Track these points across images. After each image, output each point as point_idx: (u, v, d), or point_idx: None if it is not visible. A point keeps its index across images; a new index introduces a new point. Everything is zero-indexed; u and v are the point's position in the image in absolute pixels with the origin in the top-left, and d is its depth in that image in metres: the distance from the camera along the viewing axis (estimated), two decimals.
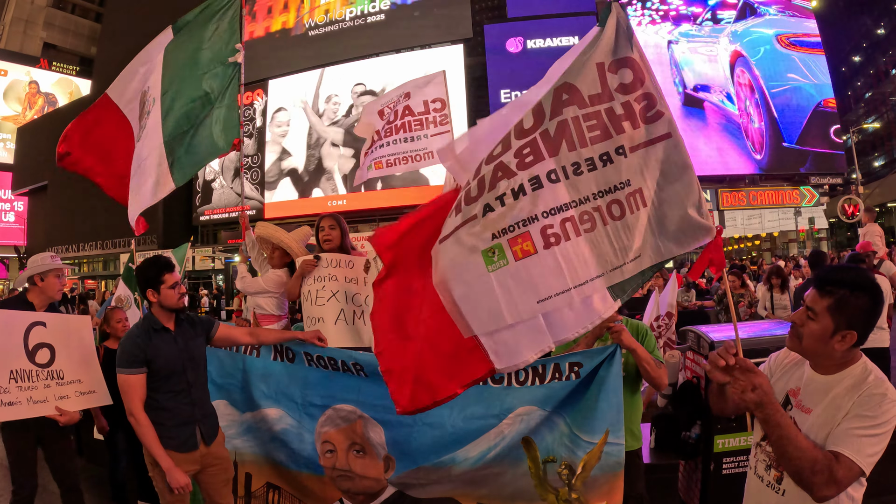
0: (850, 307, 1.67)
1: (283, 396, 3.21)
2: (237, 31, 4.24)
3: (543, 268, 2.07)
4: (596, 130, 2.16)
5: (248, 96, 26.37)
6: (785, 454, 1.59)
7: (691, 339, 3.87)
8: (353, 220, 24.43)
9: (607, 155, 2.14)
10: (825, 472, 1.55)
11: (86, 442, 5.64)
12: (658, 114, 2.19)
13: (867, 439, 1.57)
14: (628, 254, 2.09)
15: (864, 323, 1.68)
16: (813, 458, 1.57)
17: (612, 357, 2.77)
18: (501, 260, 2.09)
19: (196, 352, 3.00)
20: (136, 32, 32.52)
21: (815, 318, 1.72)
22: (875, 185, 28.35)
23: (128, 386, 2.80)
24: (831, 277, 1.72)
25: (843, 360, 1.73)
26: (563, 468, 2.81)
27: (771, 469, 1.84)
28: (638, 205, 2.12)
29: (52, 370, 3.33)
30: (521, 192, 2.12)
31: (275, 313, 4.11)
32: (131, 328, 3.03)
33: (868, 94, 33.53)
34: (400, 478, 3.01)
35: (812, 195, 23.29)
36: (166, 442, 2.82)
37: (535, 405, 2.87)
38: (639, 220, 2.11)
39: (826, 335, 1.69)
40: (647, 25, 24.01)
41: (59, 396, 3.32)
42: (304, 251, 4.00)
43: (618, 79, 2.21)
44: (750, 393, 1.62)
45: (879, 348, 5.26)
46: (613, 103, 2.18)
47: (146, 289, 2.92)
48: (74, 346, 3.50)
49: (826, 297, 1.70)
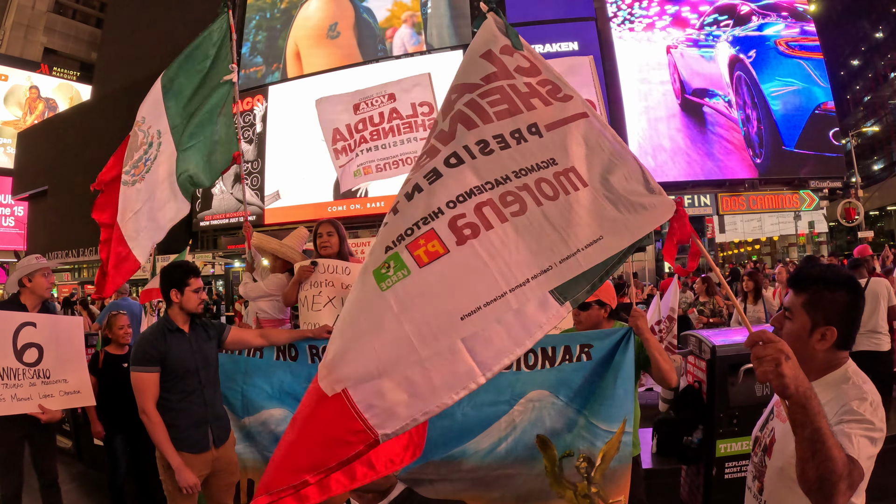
0: (825, 301, 1.58)
1: (287, 396, 3.20)
2: (230, 52, 4.39)
3: (463, 269, 1.54)
4: (502, 104, 1.83)
5: (247, 102, 26.39)
6: (817, 455, 1.31)
7: (692, 343, 3.87)
8: (354, 226, 24.48)
9: (519, 132, 1.80)
10: (848, 477, 1.35)
11: (85, 447, 5.63)
12: (567, 97, 1.92)
13: (865, 440, 1.45)
14: (579, 239, 1.65)
15: (843, 319, 1.58)
16: (844, 460, 1.34)
17: (626, 341, 2.71)
18: (400, 271, 1.54)
19: (209, 354, 3.07)
20: (136, 38, 32.79)
21: (791, 317, 1.63)
22: (874, 188, 28.38)
23: (141, 383, 2.84)
24: (804, 274, 1.65)
25: (826, 363, 1.61)
26: (581, 461, 2.73)
27: (756, 479, 1.77)
28: (576, 184, 1.74)
29: (38, 369, 3.46)
30: (417, 190, 1.69)
31: (276, 317, 4.12)
32: (147, 329, 3.11)
33: (867, 98, 33.59)
34: (410, 474, 2.94)
35: (812, 199, 23.29)
36: (178, 443, 2.86)
37: (547, 390, 2.80)
38: (580, 200, 1.71)
39: (804, 334, 1.59)
40: (643, 31, 24.08)
41: (44, 395, 3.45)
42: (301, 255, 4.02)
43: (514, 61, 1.96)
44: (784, 363, 1.30)
45: (881, 352, 5.24)
46: (515, 81, 1.90)
47: (170, 289, 3.01)
48: (63, 347, 3.63)
49: (801, 294, 1.62)
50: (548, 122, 1.83)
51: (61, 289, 30.63)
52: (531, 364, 2.84)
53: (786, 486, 1.59)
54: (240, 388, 3.28)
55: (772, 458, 1.67)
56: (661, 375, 2.72)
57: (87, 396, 3.70)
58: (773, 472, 1.66)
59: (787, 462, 1.56)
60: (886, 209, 31.53)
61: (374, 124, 4.95)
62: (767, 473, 1.69)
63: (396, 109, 4.89)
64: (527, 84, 1.89)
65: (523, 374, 2.84)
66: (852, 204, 21.95)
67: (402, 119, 4.85)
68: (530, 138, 1.80)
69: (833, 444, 1.33)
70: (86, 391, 3.69)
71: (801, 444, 1.34)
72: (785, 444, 1.60)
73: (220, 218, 27.76)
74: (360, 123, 5.00)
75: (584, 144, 1.83)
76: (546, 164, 1.75)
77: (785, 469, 1.59)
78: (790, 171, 23.23)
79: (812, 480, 1.33)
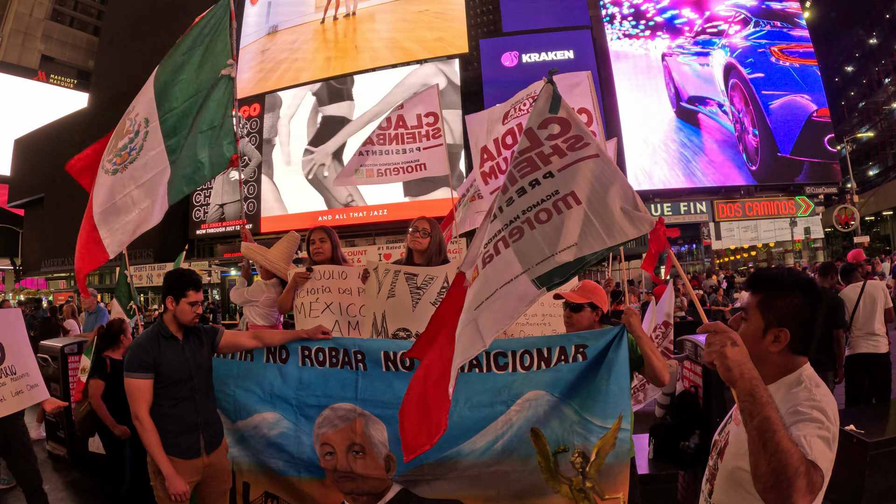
0: (778, 303, 1.57)
1: (279, 399, 3.18)
2: (228, 46, 4.26)
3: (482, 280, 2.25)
4: (526, 168, 2.38)
5: (244, 111, 26.44)
6: (768, 445, 1.28)
7: (688, 348, 3.87)
8: (350, 235, 24.51)
9: (536, 181, 2.34)
10: (806, 475, 1.27)
11: (79, 454, 5.59)
12: (585, 144, 2.38)
13: (818, 441, 1.36)
14: (557, 246, 2.20)
15: (797, 321, 1.55)
16: (799, 455, 1.29)
17: (619, 339, 2.73)
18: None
19: (202, 361, 3.05)
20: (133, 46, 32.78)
21: (746, 317, 1.63)
22: (870, 193, 28.46)
23: (135, 390, 2.83)
24: (760, 276, 1.65)
25: (782, 367, 1.58)
26: (576, 456, 2.74)
27: (708, 482, 1.73)
28: (569, 204, 2.26)
29: (5, 367, 3.38)
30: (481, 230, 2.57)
31: (262, 324, 4.12)
32: (140, 334, 3.06)
33: (861, 104, 33.78)
34: (405, 475, 2.95)
35: (807, 205, 23.41)
36: (170, 448, 2.85)
37: (543, 389, 2.81)
38: (571, 216, 2.23)
39: (757, 335, 1.58)
40: (638, 39, 24.22)
41: (15, 392, 3.37)
42: (286, 268, 4.03)
43: (547, 131, 2.45)
44: (729, 347, 1.36)
45: (879, 354, 5.24)
46: (543, 147, 2.42)
47: (167, 295, 2.98)
48: (19, 340, 3.55)
49: (756, 295, 1.62)
50: (561, 167, 2.33)
51: (56, 296, 30.55)
52: (527, 365, 2.85)
53: (734, 489, 1.59)
54: (231, 392, 3.26)
55: (724, 460, 1.66)
56: (654, 373, 2.74)
57: (43, 389, 3.61)
58: (723, 473, 1.65)
59: (736, 465, 1.57)
60: (882, 214, 31.64)
61: (381, 129, 4.99)
62: (718, 475, 1.68)
63: (403, 118, 4.92)
64: (553, 146, 2.40)
65: (519, 374, 2.85)
66: (848, 210, 22.03)
67: (407, 129, 4.88)
68: (543, 181, 2.32)
69: (784, 436, 1.29)
70: (41, 383, 3.60)
71: (751, 436, 1.32)
72: (736, 447, 1.58)
73: (217, 226, 27.74)
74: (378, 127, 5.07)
75: (590, 175, 2.29)
76: (548, 197, 2.29)
77: (734, 472, 1.58)
78: (786, 178, 23.37)
79: (766, 476, 1.28)
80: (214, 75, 4.23)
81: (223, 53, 4.24)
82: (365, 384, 3.04)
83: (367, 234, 25.24)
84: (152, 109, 4.19)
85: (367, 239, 25.07)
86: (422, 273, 3.44)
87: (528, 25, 24.80)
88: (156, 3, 31.31)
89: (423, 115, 4.85)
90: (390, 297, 3.44)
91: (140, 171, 4.14)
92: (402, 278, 3.45)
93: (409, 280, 3.44)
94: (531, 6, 24.86)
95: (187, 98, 4.22)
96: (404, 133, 4.90)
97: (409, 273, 3.46)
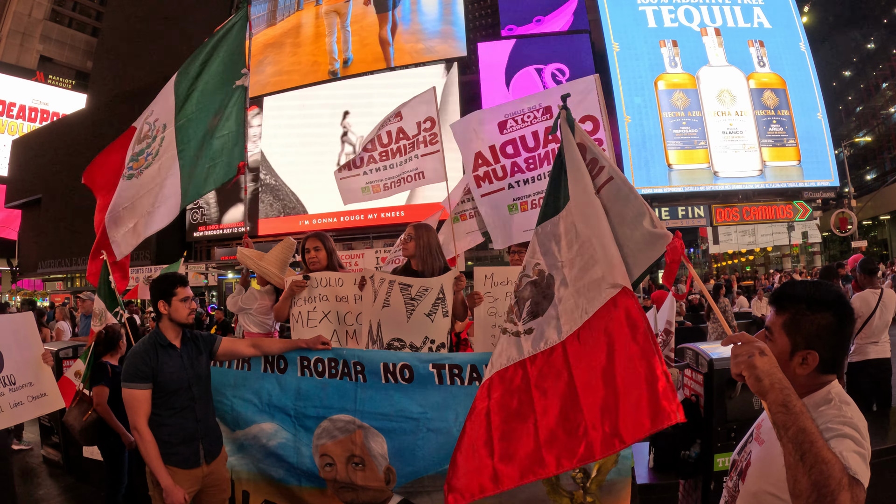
0: (807, 324, 1.45)
1: (277, 410, 3.16)
2: (244, 55, 4.31)
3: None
4: None
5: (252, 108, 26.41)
6: (806, 457, 1.18)
7: (689, 356, 3.85)
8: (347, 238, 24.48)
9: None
10: (850, 489, 1.17)
11: (74, 460, 5.55)
12: (601, 168, 2.50)
13: (857, 457, 1.27)
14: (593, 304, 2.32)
15: (826, 343, 1.45)
16: (841, 466, 1.18)
17: None
18: None
19: (201, 369, 3.01)
20: (132, 48, 32.76)
21: (771, 337, 1.52)
22: (867, 198, 28.51)
23: (133, 400, 2.79)
24: (787, 292, 1.52)
25: (808, 386, 1.48)
26: (577, 472, 2.73)
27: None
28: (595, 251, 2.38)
29: (3, 377, 3.23)
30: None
31: (257, 332, 4.09)
32: (137, 343, 3.01)
33: (859, 108, 33.88)
34: (405, 487, 2.93)
35: (805, 209, 23.42)
36: (169, 458, 2.81)
37: None
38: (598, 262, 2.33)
39: (784, 357, 1.46)
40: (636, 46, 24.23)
41: (14, 404, 3.23)
42: (279, 276, 3.99)
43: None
44: (758, 357, 1.29)
45: (880, 359, 5.23)
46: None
47: (158, 300, 2.95)
48: (23, 347, 3.41)
49: (782, 314, 1.50)
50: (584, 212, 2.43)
51: (53, 297, 30.42)
52: None
53: None
54: (229, 401, 3.23)
55: (745, 482, 1.57)
56: None
57: (56, 399, 3.48)
58: (745, 497, 1.56)
59: (762, 488, 1.49)
60: (879, 219, 31.71)
61: (383, 144, 4.95)
62: (739, 498, 1.59)
63: (403, 129, 4.88)
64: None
65: None
66: (845, 214, 22.07)
67: (409, 139, 4.85)
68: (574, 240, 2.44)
69: (824, 446, 1.19)
70: (53, 392, 3.47)
71: (787, 449, 1.22)
72: (761, 468, 1.51)
73: (214, 229, 27.67)
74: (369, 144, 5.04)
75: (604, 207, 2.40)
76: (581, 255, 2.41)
77: (758, 495, 1.50)
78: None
79: (806, 490, 1.17)
80: (230, 85, 4.29)
81: (239, 63, 4.29)
82: (364, 396, 3.02)
83: (365, 237, 25.19)
84: (171, 116, 4.26)
85: (364, 242, 25.03)
86: (416, 284, 3.41)
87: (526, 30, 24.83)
88: (155, 5, 31.30)
89: (421, 122, 4.83)
90: (385, 307, 3.41)
91: (154, 176, 4.23)
92: (397, 289, 3.42)
93: (403, 291, 3.41)
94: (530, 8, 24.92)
95: (203, 106, 4.29)
96: (406, 144, 4.87)
97: (404, 284, 3.43)
